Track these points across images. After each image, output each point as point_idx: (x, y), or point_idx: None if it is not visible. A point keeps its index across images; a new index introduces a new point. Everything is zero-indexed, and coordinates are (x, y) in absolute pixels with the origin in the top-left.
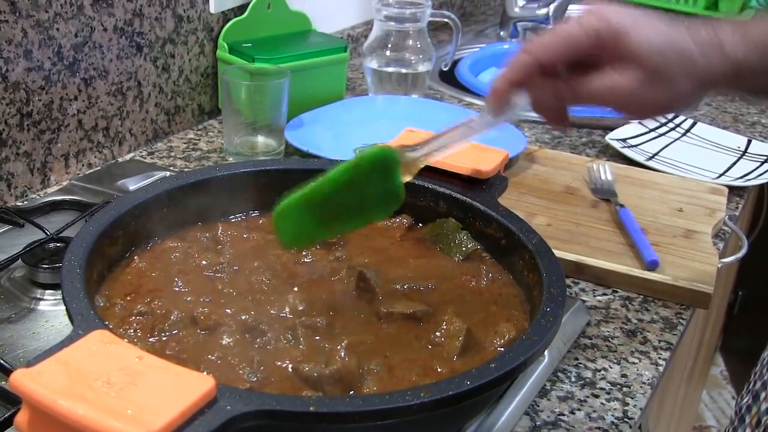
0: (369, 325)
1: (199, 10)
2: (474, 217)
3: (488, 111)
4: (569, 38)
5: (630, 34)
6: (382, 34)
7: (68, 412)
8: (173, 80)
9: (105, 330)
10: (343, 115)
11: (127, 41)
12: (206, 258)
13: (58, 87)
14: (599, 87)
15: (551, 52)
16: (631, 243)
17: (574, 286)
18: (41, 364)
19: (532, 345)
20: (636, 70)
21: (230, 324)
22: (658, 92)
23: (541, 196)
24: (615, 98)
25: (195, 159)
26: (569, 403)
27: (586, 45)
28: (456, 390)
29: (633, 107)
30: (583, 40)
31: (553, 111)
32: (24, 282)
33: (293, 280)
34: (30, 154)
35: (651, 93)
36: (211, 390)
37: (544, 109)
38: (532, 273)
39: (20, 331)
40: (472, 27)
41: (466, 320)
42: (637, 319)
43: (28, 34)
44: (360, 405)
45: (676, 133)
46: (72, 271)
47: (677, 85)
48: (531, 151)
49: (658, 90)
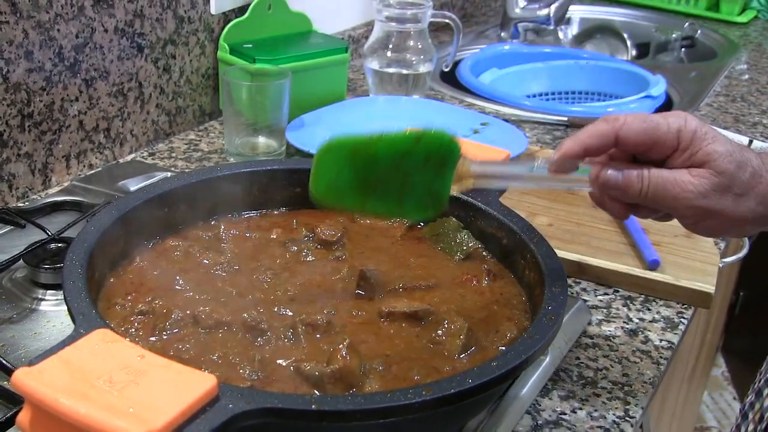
0: (370, 324)
1: (200, 11)
2: (475, 217)
3: (549, 166)
4: (653, 125)
5: (708, 138)
6: (383, 35)
7: (70, 411)
8: (174, 81)
9: (107, 329)
10: (344, 116)
11: (128, 42)
12: (207, 257)
13: (59, 88)
14: (669, 180)
15: (633, 132)
16: (632, 243)
17: (575, 285)
18: (43, 363)
19: (534, 343)
20: (708, 175)
21: (231, 323)
22: (726, 203)
23: (542, 196)
24: (683, 199)
25: (196, 160)
26: (571, 402)
27: (665, 137)
28: (458, 388)
29: (698, 214)
30: (664, 132)
31: (613, 193)
32: (25, 282)
33: (294, 279)
34: (31, 155)
35: (719, 203)
36: (212, 388)
37: (605, 190)
38: (533, 272)
39: (22, 332)
40: (473, 28)
41: (468, 319)
42: (638, 318)
43: (29, 35)
44: (362, 403)
45: None
46: (73, 271)
47: (745, 201)
48: (532, 151)
49: (726, 201)
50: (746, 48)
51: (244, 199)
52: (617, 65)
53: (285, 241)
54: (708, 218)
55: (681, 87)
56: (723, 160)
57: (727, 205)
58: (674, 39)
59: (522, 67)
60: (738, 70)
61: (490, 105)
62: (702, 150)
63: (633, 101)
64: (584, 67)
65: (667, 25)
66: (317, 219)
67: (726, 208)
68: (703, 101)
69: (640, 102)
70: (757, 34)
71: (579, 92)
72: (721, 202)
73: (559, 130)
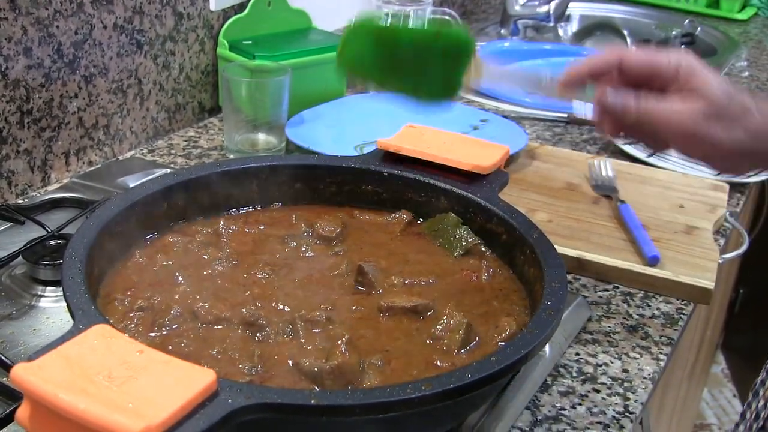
0: (369, 320)
1: (200, 8)
2: (475, 213)
3: (556, 90)
4: (655, 57)
5: (703, 73)
6: None
7: (69, 406)
8: (174, 78)
9: (106, 325)
10: (344, 113)
11: (128, 39)
12: (206, 252)
13: (58, 84)
14: (664, 107)
15: (635, 61)
16: (632, 239)
17: (575, 281)
18: (42, 358)
19: (533, 338)
20: (700, 102)
21: (230, 318)
22: (715, 130)
23: (542, 193)
24: (675, 123)
25: (195, 157)
26: (570, 397)
27: (666, 69)
28: (457, 383)
29: (688, 138)
30: (664, 64)
31: (612, 115)
32: (25, 279)
33: (293, 274)
34: (30, 151)
35: (708, 129)
36: (212, 383)
37: (604, 111)
38: (533, 268)
39: (21, 328)
40: (473, 25)
41: (467, 315)
42: (638, 314)
43: (28, 32)
44: (361, 398)
45: None
46: (73, 267)
47: (733, 131)
48: (532, 147)
49: (716, 128)
50: (746, 45)
51: (244, 195)
52: None
53: (284, 237)
54: (699, 144)
55: None
56: (714, 89)
57: (717, 132)
58: (674, 36)
59: (522, 64)
60: (738, 67)
61: (490, 102)
62: (697, 80)
63: None
64: None
65: (667, 22)
66: (316, 214)
67: (715, 135)
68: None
69: None
70: (757, 31)
71: None
72: (711, 128)
73: (559, 127)
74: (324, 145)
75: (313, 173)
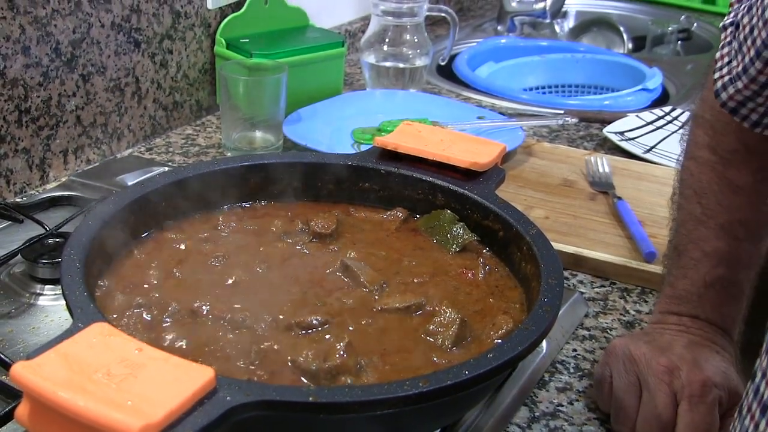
0: (365, 317)
1: (197, 6)
2: (471, 209)
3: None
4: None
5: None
6: (380, 29)
7: (69, 404)
8: (171, 76)
9: (105, 323)
10: (341, 110)
11: (125, 37)
12: (205, 250)
13: (56, 83)
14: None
15: None
16: (628, 235)
17: (572, 278)
18: (41, 356)
19: (530, 335)
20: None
21: (228, 316)
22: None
23: (538, 189)
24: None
25: (193, 154)
26: (568, 394)
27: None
28: (454, 379)
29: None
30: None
31: None
32: (23, 277)
33: (289, 271)
34: (29, 150)
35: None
36: (210, 381)
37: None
38: (529, 264)
39: (20, 326)
40: (470, 21)
41: (463, 312)
42: (635, 310)
43: (26, 31)
44: (359, 395)
45: (674, 126)
46: (71, 265)
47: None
48: (529, 144)
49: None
50: None
51: (241, 192)
52: (613, 58)
53: (281, 234)
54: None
55: (677, 80)
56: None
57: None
58: (670, 32)
59: (518, 61)
60: None
61: (487, 98)
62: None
63: (629, 94)
64: (580, 61)
65: (663, 18)
66: (312, 212)
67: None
68: (699, 94)
69: (636, 95)
70: None
71: (575, 85)
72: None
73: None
74: (321, 143)
75: (310, 171)
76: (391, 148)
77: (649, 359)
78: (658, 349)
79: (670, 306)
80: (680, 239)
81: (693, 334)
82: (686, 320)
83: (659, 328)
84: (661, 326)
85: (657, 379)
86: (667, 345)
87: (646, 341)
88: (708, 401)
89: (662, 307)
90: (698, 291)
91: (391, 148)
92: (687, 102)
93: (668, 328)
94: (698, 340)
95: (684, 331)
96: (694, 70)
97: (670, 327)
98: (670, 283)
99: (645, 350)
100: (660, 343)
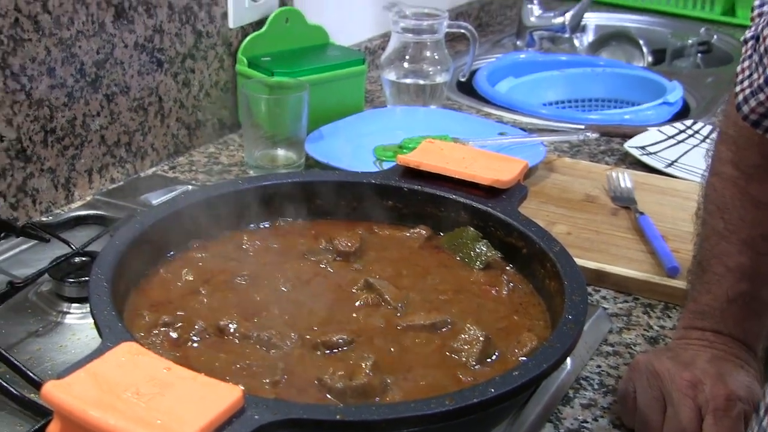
0: (389, 335)
1: (218, 26)
2: (495, 227)
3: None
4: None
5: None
6: (400, 46)
7: (99, 423)
8: (193, 95)
9: (133, 342)
10: (363, 127)
11: (148, 57)
12: (230, 268)
13: (80, 103)
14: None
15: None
16: (651, 250)
17: (595, 293)
18: (71, 375)
19: (555, 352)
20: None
21: (254, 334)
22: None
23: (560, 205)
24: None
25: (216, 173)
26: (592, 410)
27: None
28: (480, 397)
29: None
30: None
31: None
32: (50, 296)
33: (314, 290)
34: (54, 170)
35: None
36: (238, 400)
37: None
38: (553, 281)
39: (47, 345)
40: (489, 37)
41: (487, 329)
42: (658, 326)
43: (52, 52)
44: (386, 413)
45: (695, 140)
46: (99, 285)
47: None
48: (550, 159)
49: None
50: None
51: (265, 211)
52: (633, 72)
53: (305, 253)
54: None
55: (698, 93)
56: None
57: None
58: (690, 45)
59: (538, 76)
60: None
61: (507, 114)
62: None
63: (650, 108)
64: (600, 75)
65: (682, 30)
66: (336, 230)
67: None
68: (720, 107)
69: (656, 109)
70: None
71: (595, 99)
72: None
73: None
74: (343, 161)
75: (335, 189)
76: (414, 166)
77: (672, 374)
78: (682, 364)
79: (693, 321)
80: (704, 254)
81: (716, 348)
82: (709, 335)
83: (683, 343)
84: (685, 341)
85: (681, 393)
86: (691, 360)
87: (670, 356)
88: (733, 415)
89: (686, 323)
90: (721, 306)
91: (414, 166)
92: (708, 115)
93: (692, 343)
94: (722, 355)
95: (707, 346)
96: (714, 83)
97: (693, 342)
98: (693, 298)
99: (669, 365)
100: (683, 358)
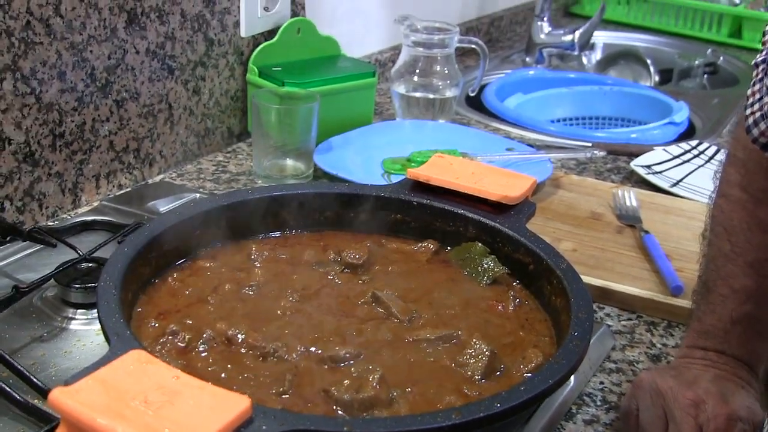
0: (396, 348)
1: (230, 34)
2: (502, 242)
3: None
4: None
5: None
6: (410, 60)
7: (107, 430)
8: (203, 103)
9: (141, 350)
10: (372, 140)
11: (159, 64)
12: (238, 278)
13: (90, 108)
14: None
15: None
16: (655, 269)
17: (599, 310)
18: (79, 382)
19: (561, 368)
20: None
21: (262, 344)
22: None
23: (566, 222)
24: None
25: (224, 181)
26: (595, 426)
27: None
28: (487, 412)
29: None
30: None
31: None
32: (56, 301)
33: (321, 301)
34: (62, 174)
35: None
36: (247, 410)
37: None
38: (559, 298)
39: (52, 350)
40: (499, 53)
41: (493, 344)
42: (661, 343)
43: (63, 56)
44: (393, 426)
45: (700, 160)
46: (107, 292)
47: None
48: (557, 177)
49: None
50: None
51: (274, 221)
52: (640, 91)
53: (313, 264)
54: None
55: (704, 113)
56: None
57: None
58: (697, 65)
59: (546, 92)
60: None
61: (515, 130)
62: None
63: (656, 127)
64: (608, 93)
65: (689, 51)
66: (344, 242)
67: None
68: (725, 128)
69: (663, 128)
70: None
71: (602, 117)
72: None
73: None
74: (352, 172)
75: (344, 201)
76: (423, 180)
77: (675, 393)
78: (685, 382)
79: (697, 341)
80: (709, 275)
81: (719, 368)
82: (712, 355)
83: (686, 362)
84: (688, 360)
85: (683, 412)
86: (694, 379)
87: (673, 375)
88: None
89: (689, 342)
90: (725, 327)
91: (423, 180)
92: (713, 136)
93: (695, 362)
94: (724, 375)
95: (710, 366)
96: (720, 104)
97: (696, 361)
98: (698, 318)
99: (671, 384)
100: (686, 377)
